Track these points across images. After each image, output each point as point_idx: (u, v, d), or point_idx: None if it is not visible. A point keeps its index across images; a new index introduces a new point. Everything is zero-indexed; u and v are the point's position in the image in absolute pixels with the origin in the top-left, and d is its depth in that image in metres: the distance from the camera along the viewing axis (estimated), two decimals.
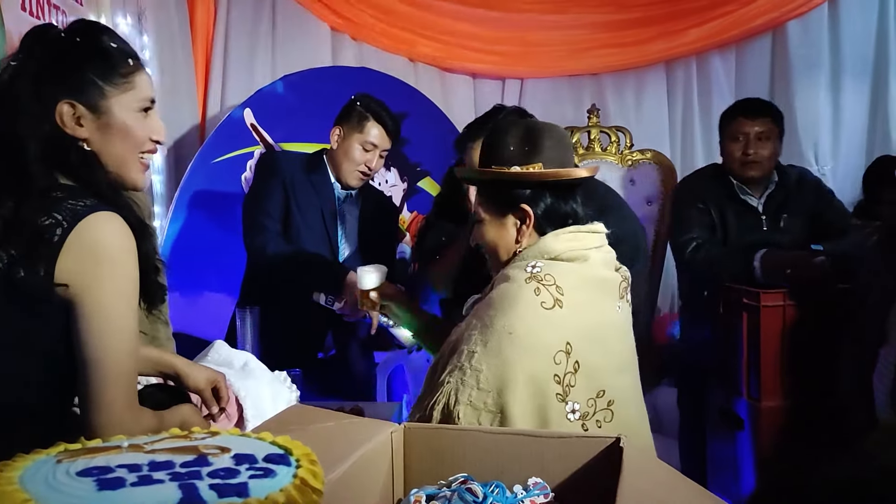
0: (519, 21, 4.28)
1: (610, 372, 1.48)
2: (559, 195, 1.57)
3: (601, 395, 1.45)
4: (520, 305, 1.45)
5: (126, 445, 0.78)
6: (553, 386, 1.41)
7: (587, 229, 1.56)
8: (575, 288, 1.47)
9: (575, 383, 1.42)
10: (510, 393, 1.40)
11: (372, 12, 4.13)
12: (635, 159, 3.80)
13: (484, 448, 1.23)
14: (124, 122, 1.32)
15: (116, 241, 1.23)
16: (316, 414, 1.32)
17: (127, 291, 1.24)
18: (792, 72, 4.18)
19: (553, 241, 1.53)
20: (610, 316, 1.52)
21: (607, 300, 1.53)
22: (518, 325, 1.43)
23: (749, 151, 2.85)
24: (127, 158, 1.34)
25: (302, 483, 0.72)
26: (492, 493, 1.14)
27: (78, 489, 0.67)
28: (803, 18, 4.19)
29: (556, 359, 1.42)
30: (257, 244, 2.56)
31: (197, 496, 0.66)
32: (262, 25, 4.01)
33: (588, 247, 1.53)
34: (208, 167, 3.48)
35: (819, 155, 4.11)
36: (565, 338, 1.43)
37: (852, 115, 4.18)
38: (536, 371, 1.41)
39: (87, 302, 1.20)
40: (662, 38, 4.26)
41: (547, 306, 1.44)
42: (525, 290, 1.46)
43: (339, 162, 2.63)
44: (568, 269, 1.49)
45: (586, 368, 1.44)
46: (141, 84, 1.35)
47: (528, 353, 1.42)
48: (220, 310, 3.43)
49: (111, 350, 1.21)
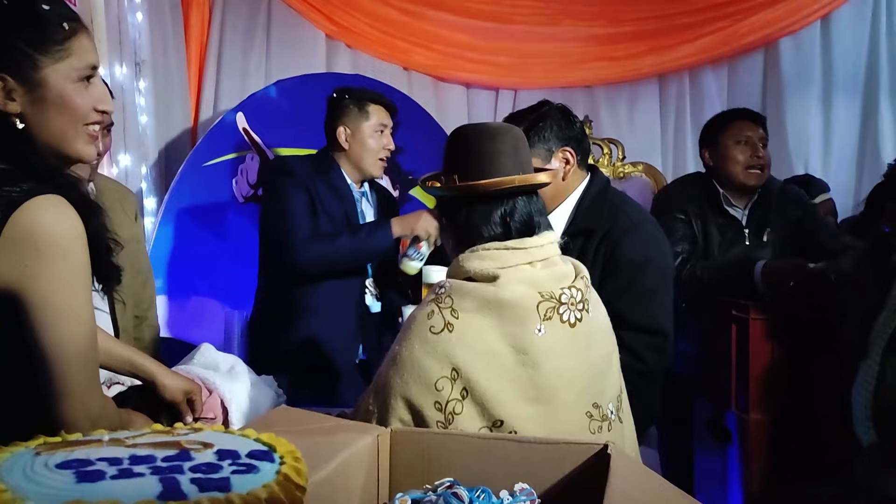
0: (513, 32, 4.31)
1: (513, 401, 1.37)
2: (475, 209, 1.47)
3: (498, 426, 1.36)
4: (411, 329, 1.40)
5: (107, 439, 0.77)
6: (433, 413, 1.35)
7: (511, 245, 1.44)
8: (472, 311, 1.38)
9: (462, 411, 1.35)
10: (389, 417, 1.37)
11: (368, 21, 4.15)
12: (627, 171, 3.82)
13: (470, 453, 1.22)
14: (61, 94, 1.20)
15: (59, 226, 1.12)
16: (301, 416, 1.31)
17: (77, 279, 1.15)
18: (784, 88, 4.22)
19: (467, 259, 1.44)
20: (519, 341, 1.38)
21: (515, 323, 1.39)
22: (403, 350, 1.39)
23: (759, 154, 2.76)
24: (67, 133, 1.22)
25: (285, 479, 0.71)
26: (478, 499, 1.13)
27: (56, 481, 0.66)
28: (795, 36, 4.23)
29: (437, 385, 1.35)
30: (320, 252, 2.47)
31: (178, 490, 0.65)
32: (256, 31, 4.01)
33: (505, 265, 1.41)
34: (199, 171, 3.47)
35: (810, 171, 4.13)
36: (450, 364, 1.36)
37: (843, 132, 4.22)
38: (414, 397, 1.36)
39: (35, 296, 1.11)
40: (655, 53, 4.30)
41: (435, 331, 1.37)
42: (421, 313, 1.41)
43: (357, 157, 2.60)
44: (469, 290, 1.40)
45: (478, 396, 1.36)
46: (80, 50, 1.22)
47: (409, 378, 1.37)
48: (209, 313, 3.42)
49: (68, 342, 1.14)
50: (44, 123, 1.20)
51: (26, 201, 1.11)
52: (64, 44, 1.20)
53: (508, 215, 1.46)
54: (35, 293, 1.11)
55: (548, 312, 1.41)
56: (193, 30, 3.89)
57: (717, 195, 2.80)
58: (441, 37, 4.27)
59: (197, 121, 3.89)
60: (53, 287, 1.12)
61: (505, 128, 1.54)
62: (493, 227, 1.46)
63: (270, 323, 2.64)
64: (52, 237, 1.11)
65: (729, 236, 2.78)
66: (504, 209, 1.46)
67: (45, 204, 1.12)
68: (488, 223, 1.46)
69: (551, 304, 1.41)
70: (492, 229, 1.46)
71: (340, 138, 2.60)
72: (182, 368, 1.68)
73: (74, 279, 1.14)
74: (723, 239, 2.78)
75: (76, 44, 1.21)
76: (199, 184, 3.45)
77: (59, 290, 1.12)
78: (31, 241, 1.10)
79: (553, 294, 1.42)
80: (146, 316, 2.29)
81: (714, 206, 2.80)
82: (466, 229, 1.48)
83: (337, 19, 4.11)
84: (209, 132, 3.56)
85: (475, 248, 1.45)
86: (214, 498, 0.64)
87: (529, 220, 1.48)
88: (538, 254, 1.45)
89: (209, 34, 3.94)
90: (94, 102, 1.24)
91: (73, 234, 1.13)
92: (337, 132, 2.61)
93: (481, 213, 1.47)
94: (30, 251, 1.10)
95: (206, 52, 3.93)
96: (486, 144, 1.48)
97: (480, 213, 1.47)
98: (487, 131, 1.52)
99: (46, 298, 1.12)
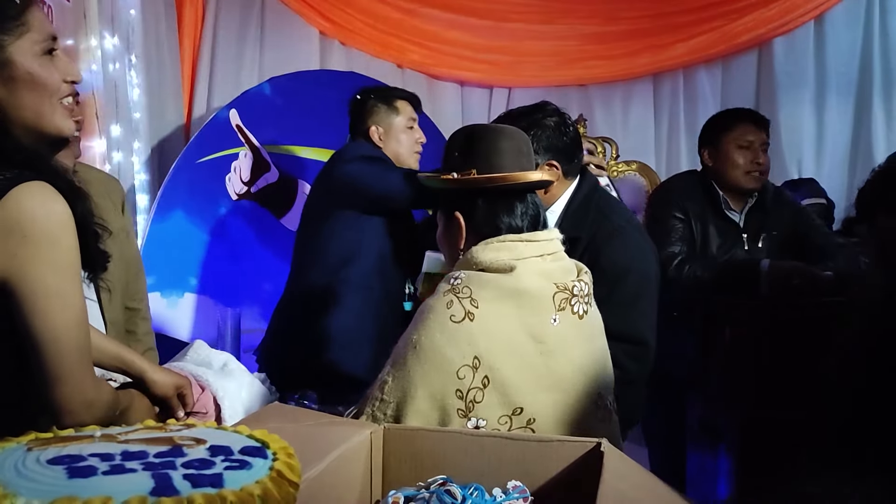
0: (508, 31, 4.31)
1: (531, 389, 1.41)
2: (494, 202, 1.51)
3: (518, 413, 1.39)
4: (429, 319, 1.42)
5: (98, 435, 0.77)
6: (454, 401, 1.37)
7: (525, 238, 1.48)
8: (492, 300, 1.41)
9: (482, 399, 1.38)
10: (408, 406, 1.38)
11: (363, 18, 4.14)
12: (621, 170, 3.82)
13: (464, 450, 1.22)
14: (29, 71, 1.16)
15: (47, 213, 1.10)
16: (294, 413, 1.30)
17: (66, 264, 1.13)
18: (777, 88, 4.24)
19: (481, 251, 1.47)
20: (537, 330, 1.43)
21: (534, 313, 1.43)
22: (423, 339, 1.40)
23: (760, 161, 2.74)
24: (43, 110, 1.18)
25: (278, 475, 0.70)
26: (471, 496, 1.13)
27: (48, 477, 0.66)
28: (789, 36, 4.25)
29: (459, 373, 1.37)
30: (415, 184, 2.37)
31: (170, 485, 0.65)
32: (250, 28, 4.00)
33: (520, 257, 1.45)
34: (193, 167, 3.46)
35: (802, 171, 4.14)
36: (472, 352, 1.38)
37: (836, 132, 4.23)
38: (436, 385, 1.38)
39: (26, 284, 1.10)
40: (649, 52, 4.31)
41: (456, 320, 1.39)
42: (439, 303, 1.42)
43: (394, 154, 2.57)
44: (488, 280, 1.43)
45: (499, 384, 1.39)
46: (37, 23, 1.17)
47: (429, 366, 1.38)
48: (202, 310, 3.41)
49: (60, 327, 1.12)
50: (17, 104, 1.16)
51: (11, 189, 1.08)
52: (20, 18, 1.15)
53: (525, 210, 1.51)
54: (25, 281, 1.10)
55: (562, 303, 1.45)
56: (187, 26, 3.87)
57: (717, 197, 2.77)
58: (435, 34, 4.26)
59: (190, 117, 3.88)
60: (44, 274, 1.10)
61: (514, 129, 1.59)
62: (516, 220, 1.50)
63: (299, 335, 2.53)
64: (39, 224, 1.09)
65: (729, 240, 2.76)
66: (524, 204, 1.51)
67: (32, 191, 1.10)
68: (513, 216, 1.50)
69: (565, 295, 1.46)
70: (515, 222, 1.50)
71: (374, 137, 2.60)
72: (175, 365, 1.67)
73: (64, 265, 1.12)
74: (722, 242, 2.76)
75: (31, 16, 1.16)
76: (192, 180, 3.44)
77: (50, 277, 1.10)
78: (19, 230, 1.08)
79: (567, 286, 1.47)
80: (139, 308, 2.28)
81: (714, 208, 2.77)
82: (484, 223, 1.51)
83: (331, 16, 4.10)
84: (202, 129, 3.54)
85: (489, 240, 1.48)
86: (207, 494, 0.64)
87: (538, 216, 1.53)
88: (548, 247, 1.50)
89: (203, 30, 3.92)
90: (63, 74, 1.20)
91: (60, 220, 1.11)
92: (370, 132, 2.60)
93: (504, 206, 1.51)
94: (18, 239, 1.08)
95: (199, 49, 3.92)
96: (504, 142, 1.53)
97: (503, 207, 1.50)
98: (502, 130, 1.57)
99: (37, 286, 1.10)
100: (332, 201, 2.53)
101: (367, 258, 2.49)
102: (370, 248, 2.49)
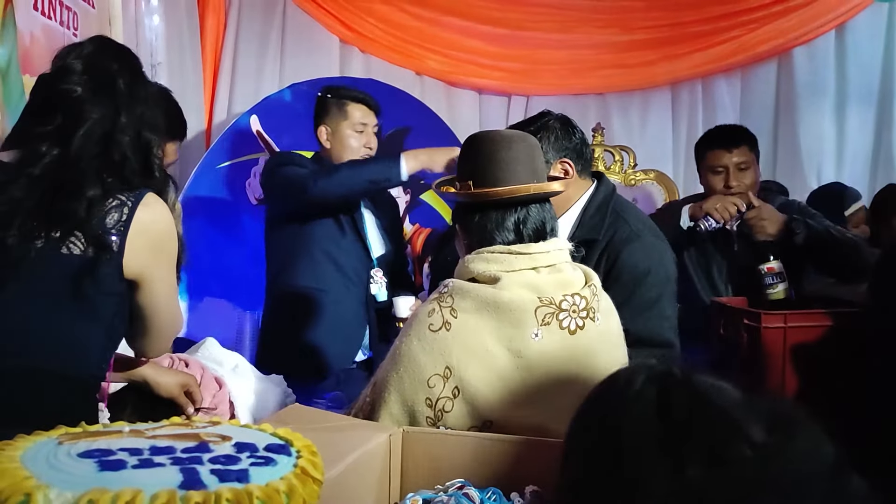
0: (526, 39, 4.32)
1: (503, 403, 1.38)
2: (486, 214, 1.48)
3: (488, 426, 1.37)
4: (412, 325, 1.44)
5: (127, 430, 0.78)
6: (424, 409, 1.38)
7: (515, 250, 1.45)
8: (471, 311, 1.40)
9: (452, 408, 1.38)
10: (382, 408, 1.40)
11: (382, 26, 4.17)
12: (638, 179, 3.82)
13: (482, 454, 1.22)
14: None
15: (169, 220, 1.41)
16: (314, 415, 1.32)
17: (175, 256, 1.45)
18: (797, 98, 4.21)
19: (472, 260, 1.47)
20: (516, 343, 1.40)
21: (513, 326, 1.40)
22: (402, 346, 1.42)
23: (732, 184, 2.71)
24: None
25: (302, 472, 0.72)
26: (489, 500, 1.14)
27: (79, 469, 0.68)
28: (810, 45, 4.22)
29: (430, 382, 1.38)
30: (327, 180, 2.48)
31: (198, 480, 0.66)
32: (271, 35, 4.04)
33: (508, 269, 1.43)
34: (213, 172, 3.49)
35: (822, 180, 4.12)
36: (444, 362, 1.38)
37: (856, 143, 4.20)
38: (408, 391, 1.39)
39: (157, 274, 1.40)
40: (667, 61, 4.30)
41: (434, 328, 1.40)
42: (423, 310, 1.44)
43: (338, 157, 2.61)
44: (470, 290, 1.42)
45: (469, 396, 1.38)
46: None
47: (403, 372, 1.40)
48: (222, 314, 3.44)
49: (169, 309, 1.47)
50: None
51: (138, 204, 1.36)
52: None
53: (522, 222, 1.48)
54: (155, 275, 1.41)
55: (546, 318, 1.41)
56: (209, 33, 3.92)
57: None
58: (454, 43, 4.28)
59: (211, 123, 3.92)
60: (166, 270, 1.44)
61: (520, 136, 1.56)
62: (507, 234, 1.47)
63: (278, 319, 2.66)
64: (166, 229, 1.41)
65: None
66: (518, 216, 1.48)
67: (157, 200, 1.40)
68: (501, 230, 1.48)
69: (550, 309, 1.42)
70: (505, 236, 1.47)
71: (321, 137, 2.63)
72: (191, 358, 1.69)
73: (173, 264, 1.46)
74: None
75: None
76: (212, 185, 3.48)
77: (169, 273, 1.45)
78: (155, 230, 1.39)
79: (553, 300, 1.42)
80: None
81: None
82: (478, 235, 1.49)
83: (351, 24, 4.13)
84: (223, 134, 3.58)
85: (480, 251, 1.47)
86: (234, 489, 0.65)
87: (542, 228, 1.49)
88: (543, 259, 1.46)
89: (224, 37, 3.97)
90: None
91: (172, 226, 1.43)
92: (318, 131, 2.63)
93: (495, 219, 1.48)
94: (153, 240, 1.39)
95: (221, 55, 3.96)
96: (502, 152, 1.50)
97: (494, 220, 1.48)
98: (503, 139, 1.54)
99: (160, 279, 1.42)
100: (270, 211, 2.69)
101: (316, 259, 2.55)
102: (316, 249, 2.55)
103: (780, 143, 4.32)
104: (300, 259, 2.57)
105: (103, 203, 1.33)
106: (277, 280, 2.67)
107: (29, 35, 2.29)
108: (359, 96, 2.66)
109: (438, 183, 1.66)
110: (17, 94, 2.19)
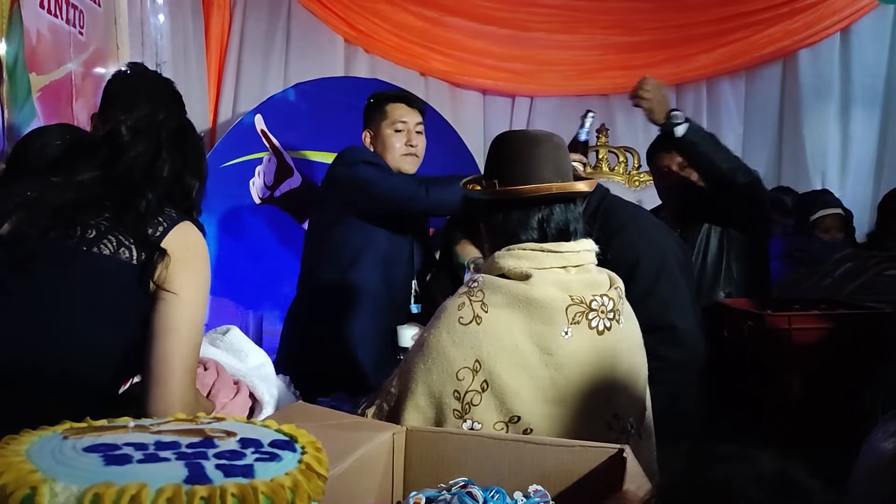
0: (530, 40, 4.32)
1: (532, 399, 1.40)
2: (512, 211, 1.50)
3: (515, 421, 1.39)
4: (441, 318, 1.44)
5: (132, 426, 0.78)
6: (451, 401, 1.39)
7: (547, 248, 1.46)
8: (501, 306, 1.41)
9: (479, 402, 1.39)
10: (408, 400, 1.41)
11: (387, 27, 4.18)
12: (643, 180, 3.81)
13: (485, 453, 1.22)
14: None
15: (204, 246, 1.41)
16: (318, 412, 1.32)
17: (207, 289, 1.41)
18: (802, 100, 4.21)
19: (501, 257, 1.47)
20: (546, 341, 1.41)
21: (543, 324, 1.41)
22: (431, 337, 1.43)
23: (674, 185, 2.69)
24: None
25: (307, 468, 0.72)
26: (492, 499, 1.13)
27: (85, 463, 0.68)
28: (814, 48, 4.23)
29: (458, 374, 1.39)
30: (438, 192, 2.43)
31: (203, 475, 0.66)
32: (276, 35, 4.05)
33: (540, 266, 1.44)
34: (217, 172, 3.49)
35: (826, 182, 4.12)
36: (474, 355, 1.39)
37: (861, 145, 4.20)
38: (436, 383, 1.40)
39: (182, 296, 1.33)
40: (672, 62, 4.30)
41: (464, 322, 1.41)
42: (453, 303, 1.44)
43: (382, 157, 2.57)
44: (501, 286, 1.43)
45: (497, 390, 1.39)
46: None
47: (431, 364, 1.41)
48: (224, 312, 3.44)
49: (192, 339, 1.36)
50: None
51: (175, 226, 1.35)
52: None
53: (545, 221, 1.49)
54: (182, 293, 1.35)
55: (576, 317, 1.43)
56: (214, 32, 3.93)
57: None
58: (458, 43, 4.29)
59: (215, 122, 3.93)
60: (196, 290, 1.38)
61: (546, 135, 1.57)
62: (530, 233, 1.49)
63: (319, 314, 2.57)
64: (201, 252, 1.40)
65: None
66: (541, 215, 1.49)
67: (193, 228, 1.40)
68: (525, 228, 1.49)
69: (581, 308, 1.43)
70: (529, 234, 1.49)
71: (366, 141, 2.62)
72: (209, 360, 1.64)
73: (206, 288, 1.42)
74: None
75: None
76: (216, 185, 3.46)
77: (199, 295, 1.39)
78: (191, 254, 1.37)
79: (584, 299, 1.44)
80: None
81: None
82: (503, 233, 1.51)
83: (356, 24, 4.14)
84: (227, 133, 3.59)
85: (511, 247, 1.48)
86: (240, 484, 0.65)
87: (566, 227, 1.50)
88: (573, 259, 1.48)
89: (229, 37, 3.98)
90: None
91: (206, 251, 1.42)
92: (363, 136, 2.62)
93: (518, 218, 1.50)
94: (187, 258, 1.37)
95: (225, 55, 3.97)
96: (527, 151, 1.52)
97: (517, 218, 1.50)
98: (528, 139, 1.56)
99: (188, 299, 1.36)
100: (336, 205, 2.56)
101: (372, 262, 2.50)
102: (374, 252, 2.51)
103: (785, 144, 4.32)
104: (364, 258, 2.51)
105: (147, 215, 1.34)
106: (325, 275, 2.57)
107: (35, 33, 2.29)
108: (397, 94, 2.66)
109: (465, 182, 1.67)
110: (23, 92, 2.20)
